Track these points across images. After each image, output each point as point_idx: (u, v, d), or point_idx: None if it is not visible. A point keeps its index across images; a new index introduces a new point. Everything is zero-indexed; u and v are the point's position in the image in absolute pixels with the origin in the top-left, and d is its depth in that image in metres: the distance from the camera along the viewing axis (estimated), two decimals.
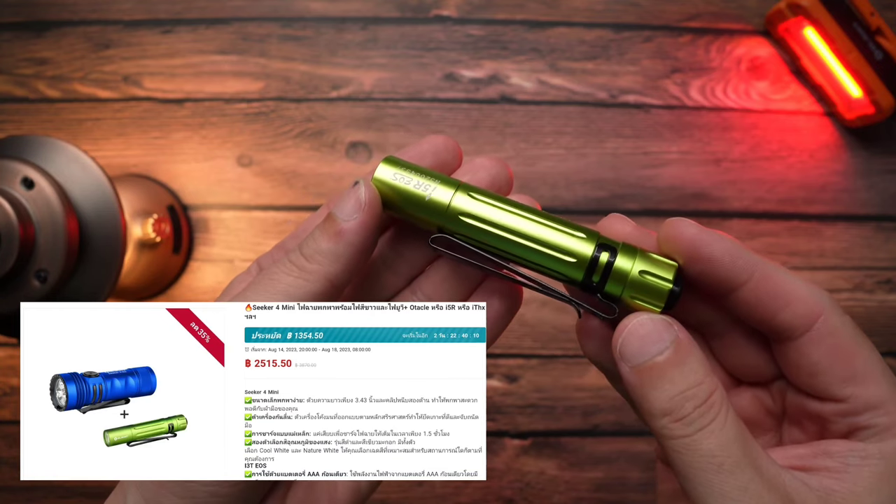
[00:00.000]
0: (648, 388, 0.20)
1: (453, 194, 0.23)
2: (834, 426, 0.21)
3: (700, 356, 0.21)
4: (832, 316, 0.21)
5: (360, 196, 0.22)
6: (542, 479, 0.61)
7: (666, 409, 0.20)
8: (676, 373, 0.20)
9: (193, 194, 0.62)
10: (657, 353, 0.20)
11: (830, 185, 0.64)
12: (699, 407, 0.20)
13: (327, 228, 0.23)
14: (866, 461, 0.20)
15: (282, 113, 0.63)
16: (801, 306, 0.21)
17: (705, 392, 0.20)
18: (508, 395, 0.61)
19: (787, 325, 0.21)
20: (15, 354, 0.62)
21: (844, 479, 0.20)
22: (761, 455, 0.20)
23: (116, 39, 0.64)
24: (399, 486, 0.61)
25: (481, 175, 0.25)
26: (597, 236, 0.23)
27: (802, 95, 0.65)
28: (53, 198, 0.44)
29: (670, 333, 0.21)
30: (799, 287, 0.21)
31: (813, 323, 0.21)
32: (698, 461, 0.20)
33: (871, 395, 0.21)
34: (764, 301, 0.21)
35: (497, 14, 0.65)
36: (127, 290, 0.60)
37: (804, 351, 0.21)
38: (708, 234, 0.21)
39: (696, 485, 0.20)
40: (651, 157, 0.63)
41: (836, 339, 0.21)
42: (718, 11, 0.65)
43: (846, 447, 0.21)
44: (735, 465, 0.19)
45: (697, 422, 0.20)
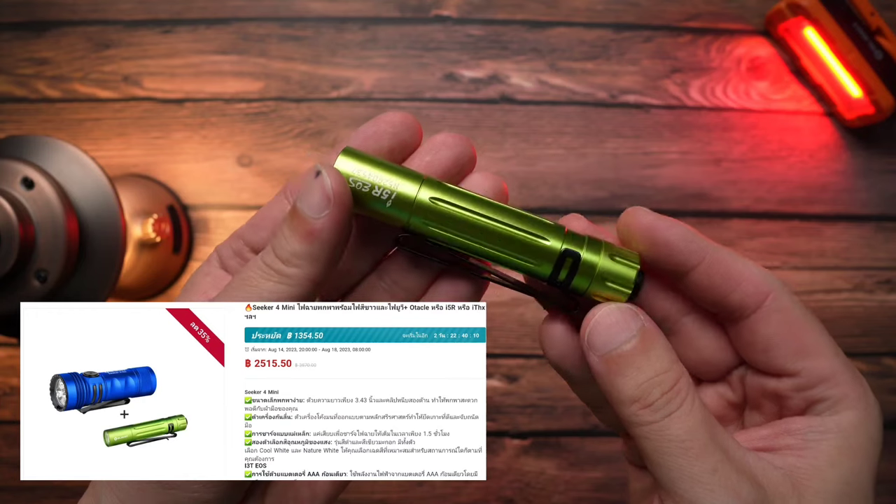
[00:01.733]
0: (616, 375, 0.21)
1: (416, 193, 0.22)
2: (791, 402, 0.22)
3: (666, 344, 0.21)
4: (781, 295, 0.22)
5: (327, 188, 0.21)
6: (542, 479, 0.61)
7: (634, 396, 0.21)
8: (643, 360, 0.21)
9: (193, 194, 0.62)
10: (624, 342, 0.21)
11: (830, 185, 0.64)
12: (666, 393, 0.21)
13: (297, 227, 0.21)
14: (825, 436, 0.21)
15: (282, 113, 0.63)
16: (750, 286, 0.22)
17: (672, 379, 0.21)
18: (508, 395, 0.61)
19: (739, 304, 0.22)
20: (15, 354, 0.62)
21: (806, 455, 0.21)
22: (728, 439, 0.21)
23: (116, 39, 0.64)
24: (399, 486, 0.61)
25: (444, 154, 0.24)
26: (562, 231, 0.23)
27: (802, 95, 0.65)
28: (53, 198, 0.44)
29: (636, 322, 0.21)
30: (748, 268, 0.22)
31: (762, 301, 0.22)
32: (667, 446, 0.20)
33: (822, 368, 0.21)
34: (716, 282, 0.22)
35: (497, 14, 0.65)
36: (127, 290, 0.60)
37: (756, 328, 0.22)
38: (663, 220, 0.22)
39: (666, 470, 0.20)
40: (651, 157, 0.63)
41: (785, 315, 0.22)
42: (718, 11, 0.65)
43: (805, 424, 0.22)
44: (703, 448, 0.20)
45: (665, 408, 0.20)
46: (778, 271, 0.63)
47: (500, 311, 0.62)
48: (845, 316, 0.63)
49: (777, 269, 0.63)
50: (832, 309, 0.63)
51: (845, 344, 0.63)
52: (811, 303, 0.63)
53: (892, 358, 0.63)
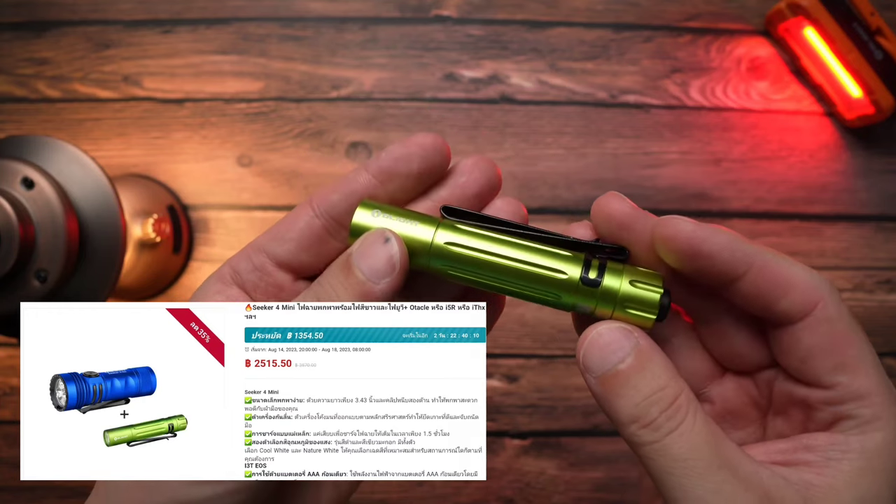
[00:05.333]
0: (614, 396, 0.21)
1: (433, 238, 0.23)
2: (819, 414, 0.21)
3: (663, 360, 0.21)
4: (831, 304, 0.21)
5: (394, 257, 0.21)
6: (542, 479, 0.61)
7: (633, 416, 0.20)
8: (639, 379, 0.20)
9: (193, 194, 0.62)
10: (619, 362, 0.21)
11: (830, 185, 0.64)
12: (665, 411, 0.20)
13: (353, 287, 0.21)
14: (847, 455, 0.20)
15: (282, 113, 0.63)
16: (800, 293, 0.21)
17: (670, 396, 0.20)
18: (508, 395, 0.61)
19: (786, 312, 0.21)
20: (15, 354, 0.62)
21: (824, 474, 0.20)
22: (736, 454, 0.20)
23: (116, 39, 0.64)
24: (399, 486, 0.61)
25: (476, 176, 0.24)
26: (580, 260, 0.23)
27: (802, 95, 0.65)
28: (53, 198, 0.44)
29: (630, 341, 0.21)
30: (798, 274, 0.21)
31: (811, 309, 0.21)
32: (670, 465, 0.20)
33: (858, 385, 0.21)
34: (764, 290, 0.21)
35: (497, 14, 0.65)
36: (127, 290, 0.60)
37: (799, 336, 0.21)
38: (704, 229, 0.21)
39: (670, 489, 0.20)
40: (651, 157, 0.63)
41: (831, 327, 0.21)
42: (718, 11, 0.65)
43: (827, 441, 0.21)
44: (707, 467, 0.19)
45: (665, 426, 0.20)
46: None
47: None
48: None
49: None
50: None
51: None
52: None
53: (893, 358, 0.63)
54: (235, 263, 0.25)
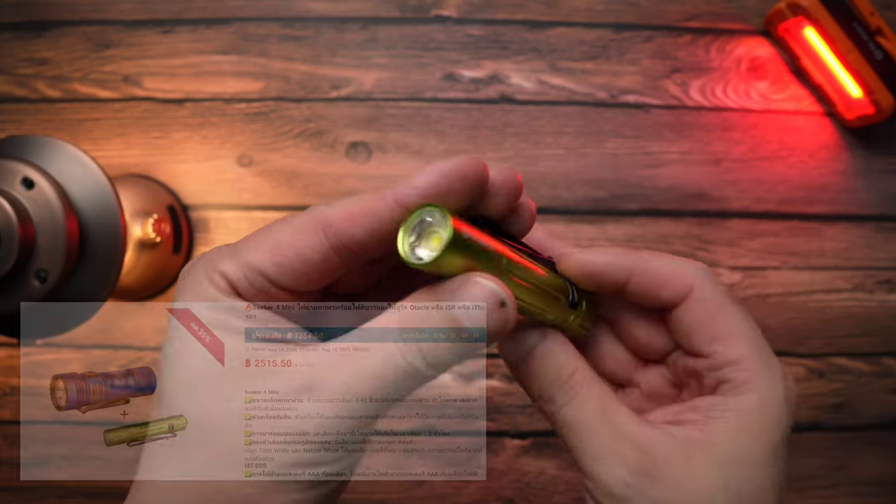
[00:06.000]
0: (525, 378, 0.25)
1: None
2: (705, 381, 0.25)
3: (563, 346, 0.25)
4: (705, 287, 0.25)
5: (510, 324, 0.22)
6: (542, 479, 0.61)
7: (538, 393, 0.25)
8: (543, 363, 0.25)
9: (193, 194, 0.62)
10: (527, 350, 0.25)
11: (830, 185, 0.64)
12: (561, 387, 0.24)
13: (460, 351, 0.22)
14: (725, 414, 0.23)
15: (282, 113, 0.63)
16: (676, 283, 0.25)
17: (567, 374, 0.24)
18: (508, 395, 0.61)
19: (669, 300, 0.25)
20: (15, 354, 0.62)
21: (704, 430, 0.23)
22: (621, 418, 0.24)
23: (116, 39, 0.64)
24: (399, 486, 0.61)
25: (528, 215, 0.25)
26: (565, 284, 0.26)
27: (802, 95, 0.65)
28: (53, 198, 0.44)
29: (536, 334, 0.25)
30: (672, 267, 0.25)
31: (688, 294, 0.25)
32: (567, 430, 0.24)
33: (732, 353, 0.24)
34: (646, 287, 0.25)
35: (497, 14, 0.65)
36: (127, 290, 0.60)
37: (681, 317, 0.25)
38: (589, 253, 0.25)
39: (570, 448, 0.24)
40: (651, 157, 0.63)
41: (705, 305, 0.25)
42: (718, 11, 0.65)
43: (710, 402, 0.24)
44: (595, 430, 0.24)
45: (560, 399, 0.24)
46: (778, 271, 0.63)
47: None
48: (845, 316, 0.63)
49: (777, 269, 0.63)
50: (832, 309, 0.63)
51: (845, 344, 0.63)
52: (811, 303, 0.63)
53: (892, 358, 0.63)
54: (230, 275, 0.23)
